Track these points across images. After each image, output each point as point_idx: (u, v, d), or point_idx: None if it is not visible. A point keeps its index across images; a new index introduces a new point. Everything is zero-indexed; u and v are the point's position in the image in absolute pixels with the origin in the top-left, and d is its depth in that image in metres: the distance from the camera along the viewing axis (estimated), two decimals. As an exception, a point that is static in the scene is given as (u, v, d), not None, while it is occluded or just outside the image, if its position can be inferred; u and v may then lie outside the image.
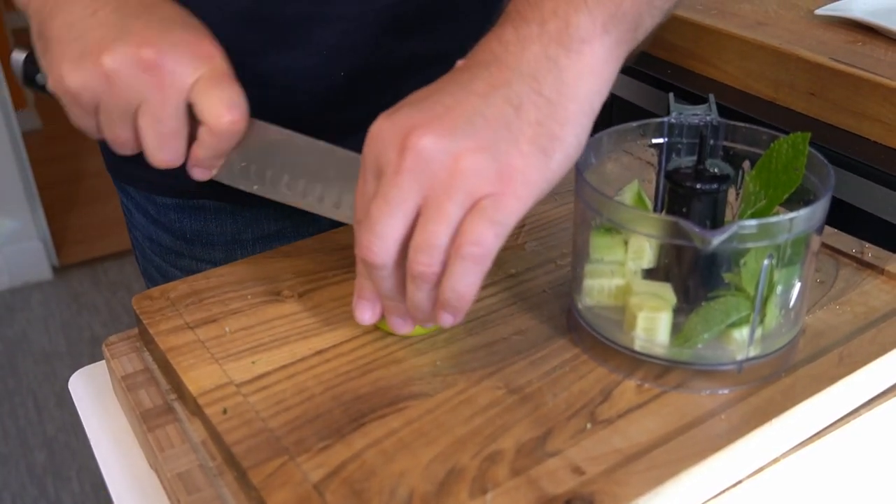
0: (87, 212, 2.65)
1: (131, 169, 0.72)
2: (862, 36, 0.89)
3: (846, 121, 0.82)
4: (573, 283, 0.52)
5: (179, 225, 0.72)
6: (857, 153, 0.79)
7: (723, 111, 0.90)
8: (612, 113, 1.10)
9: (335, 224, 0.77)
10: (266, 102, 0.55)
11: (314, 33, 0.65)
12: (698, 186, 0.46)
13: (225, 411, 0.46)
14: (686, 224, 0.42)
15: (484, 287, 0.57)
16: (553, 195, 0.68)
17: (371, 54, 0.67)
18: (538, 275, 0.58)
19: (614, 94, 1.07)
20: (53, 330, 2.22)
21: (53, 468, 1.80)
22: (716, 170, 0.48)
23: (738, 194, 0.53)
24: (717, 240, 0.42)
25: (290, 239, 0.73)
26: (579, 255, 0.50)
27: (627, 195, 0.53)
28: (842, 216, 0.81)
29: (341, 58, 0.67)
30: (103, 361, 0.57)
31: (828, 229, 0.61)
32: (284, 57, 0.66)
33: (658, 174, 0.55)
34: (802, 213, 0.43)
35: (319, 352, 0.50)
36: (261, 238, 0.73)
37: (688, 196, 0.47)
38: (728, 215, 0.53)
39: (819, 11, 0.93)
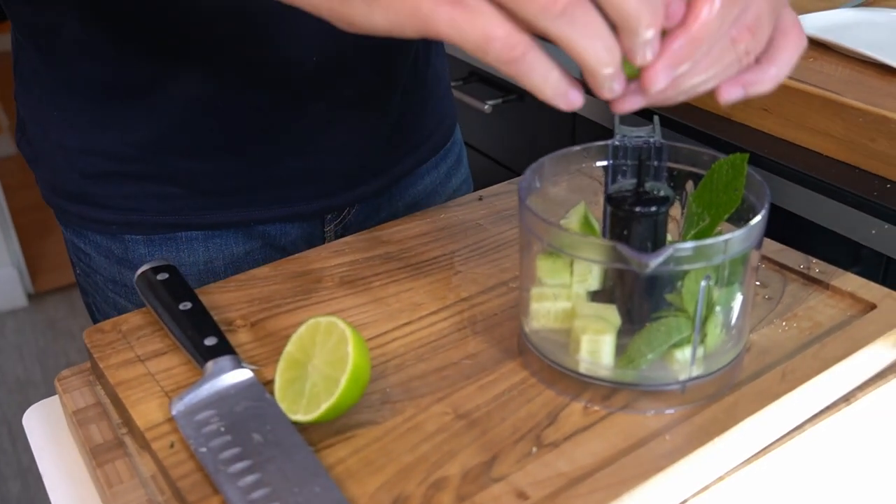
0: (62, 238, 2.63)
1: (97, 215, 0.72)
2: (814, 52, 0.90)
3: (799, 136, 0.83)
4: (521, 306, 0.52)
5: (150, 259, 0.72)
6: (809, 167, 0.80)
7: (680, 128, 0.91)
8: (576, 131, 1.11)
9: (298, 244, 0.78)
10: None
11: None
12: (637, 209, 0.47)
13: (172, 445, 0.46)
14: (623, 248, 0.43)
15: (435, 311, 0.57)
16: (507, 217, 0.68)
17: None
18: (491, 297, 0.58)
19: (576, 114, 1.08)
20: (29, 358, 2.20)
21: (28, 499, 1.78)
22: (656, 192, 0.48)
23: (682, 213, 0.54)
24: (653, 263, 0.42)
25: (258, 259, 0.74)
26: (525, 279, 0.51)
27: (574, 218, 0.54)
28: (795, 229, 0.82)
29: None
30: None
31: (775, 245, 0.62)
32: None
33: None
34: (737, 234, 0.44)
35: (268, 382, 0.51)
36: (232, 262, 0.73)
37: (628, 219, 0.47)
38: (676, 235, 0.54)
39: (772, 28, 0.95)
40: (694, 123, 0.90)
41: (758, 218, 0.46)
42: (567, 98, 0.41)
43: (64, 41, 0.64)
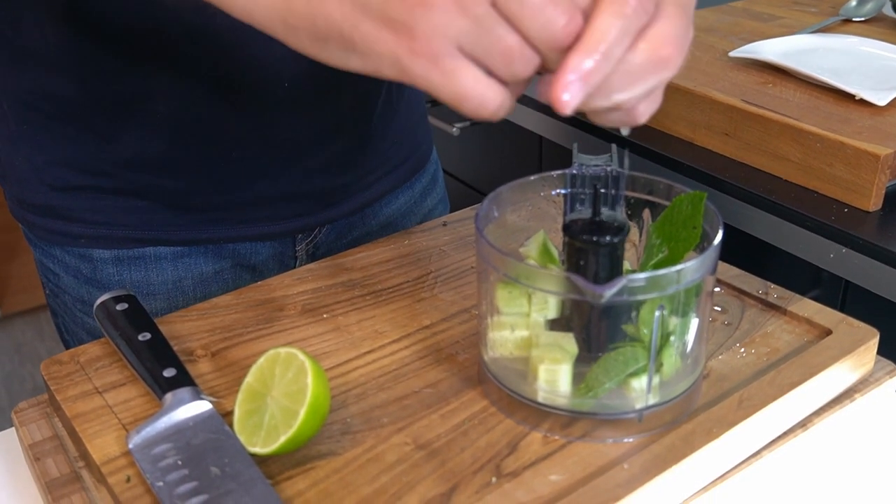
0: (29, 259, 2.60)
1: (65, 228, 0.71)
2: (772, 77, 0.92)
3: (759, 160, 0.85)
4: (480, 335, 0.52)
5: (119, 279, 0.72)
6: (768, 191, 0.81)
7: (644, 152, 0.92)
8: (542, 153, 1.12)
9: (269, 263, 0.77)
10: None
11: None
12: (593, 239, 0.47)
13: (128, 479, 0.46)
14: (577, 279, 0.43)
15: (397, 340, 0.57)
16: (471, 243, 0.69)
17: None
18: (453, 325, 0.59)
19: (542, 136, 1.09)
20: (-6, 382, 2.17)
21: (-7, 526, 1.75)
22: (612, 221, 0.49)
23: (640, 239, 0.54)
24: (607, 294, 0.43)
25: (227, 279, 0.73)
26: (484, 308, 0.51)
27: (533, 246, 0.54)
28: (755, 252, 0.84)
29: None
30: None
31: (734, 270, 0.63)
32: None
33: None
34: (690, 264, 0.45)
35: (228, 413, 0.50)
36: (201, 281, 0.73)
37: (584, 249, 0.48)
38: (635, 261, 0.54)
39: (733, 53, 0.96)
40: (656, 147, 0.91)
41: (711, 248, 0.46)
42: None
43: (34, 58, 0.63)
